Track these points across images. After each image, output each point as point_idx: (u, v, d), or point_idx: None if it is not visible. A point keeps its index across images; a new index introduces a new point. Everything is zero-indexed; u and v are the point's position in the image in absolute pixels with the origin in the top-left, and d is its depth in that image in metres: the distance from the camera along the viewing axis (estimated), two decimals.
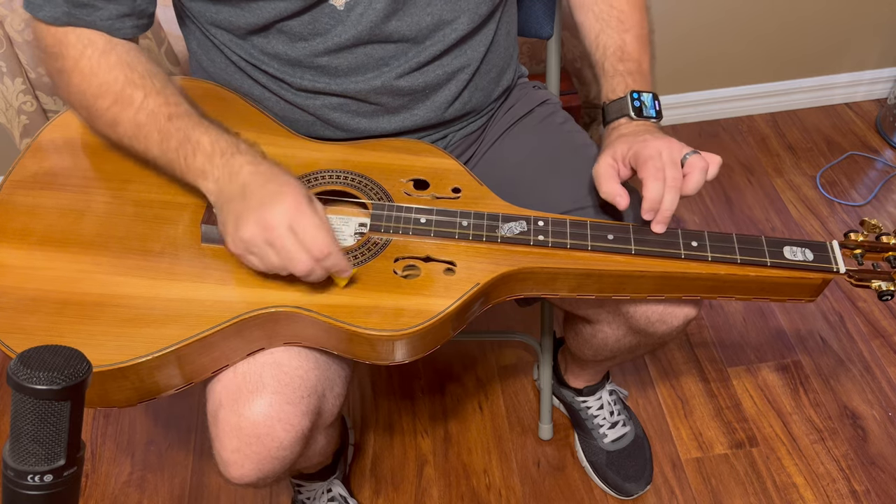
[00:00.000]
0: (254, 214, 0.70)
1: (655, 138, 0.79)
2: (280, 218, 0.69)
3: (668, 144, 0.77)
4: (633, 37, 0.89)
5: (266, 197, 0.70)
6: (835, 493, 1.22)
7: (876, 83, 1.87)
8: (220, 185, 0.74)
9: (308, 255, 0.70)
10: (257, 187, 0.71)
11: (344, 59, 0.84)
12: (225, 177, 0.74)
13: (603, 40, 0.89)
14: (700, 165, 0.76)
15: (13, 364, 0.44)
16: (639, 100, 0.84)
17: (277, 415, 0.76)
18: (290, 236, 0.69)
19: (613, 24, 0.89)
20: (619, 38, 0.88)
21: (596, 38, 0.90)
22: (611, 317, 0.95)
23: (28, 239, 0.77)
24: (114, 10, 0.78)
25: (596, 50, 0.90)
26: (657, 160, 0.76)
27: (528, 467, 1.28)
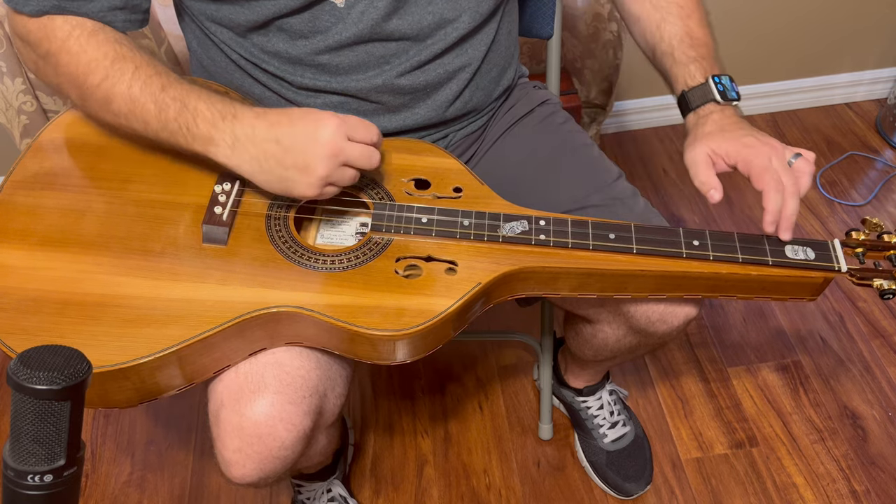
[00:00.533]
0: (312, 152, 0.72)
1: (761, 142, 0.77)
2: (337, 138, 0.73)
3: (776, 150, 0.77)
4: (697, 21, 0.87)
5: (308, 133, 0.73)
6: (835, 493, 1.22)
7: (876, 83, 1.88)
8: (240, 149, 0.74)
9: (373, 147, 0.76)
10: (292, 133, 0.73)
11: (345, 58, 0.83)
12: (242, 140, 0.74)
13: (667, 29, 0.87)
14: (809, 170, 0.77)
15: (13, 364, 0.44)
16: (721, 83, 0.82)
17: (279, 414, 0.76)
18: (353, 145, 0.74)
19: (675, 11, 0.88)
20: (684, 24, 0.87)
21: (658, 28, 0.88)
22: (611, 316, 0.95)
23: (29, 239, 0.77)
24: (106, 2, 0.78)
25: (661, 41, 0.88)
26: (773, 170, 0.75)
27: (528, 467, 1.28)
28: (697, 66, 0.84)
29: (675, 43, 0.86)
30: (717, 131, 0.80)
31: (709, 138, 0.80)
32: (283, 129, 0.73)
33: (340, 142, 0.73)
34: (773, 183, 0.75)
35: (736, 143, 0.78)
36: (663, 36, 0.87)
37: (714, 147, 0.78)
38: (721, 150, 0.78)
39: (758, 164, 0.76)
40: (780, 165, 0.76)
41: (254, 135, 0.73)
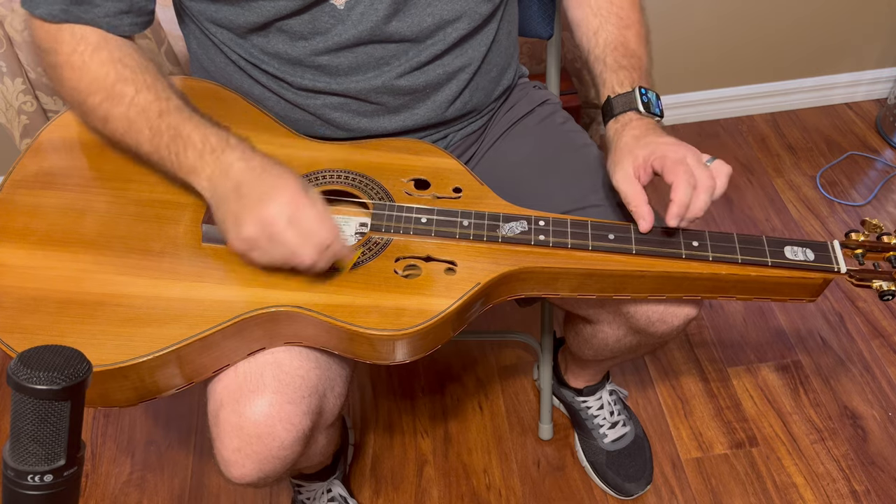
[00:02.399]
0: (253, 212, 0.70)
1: (678, 143, 0.78)
2: (279, 213, 0.69)
3: (692, 149, 0.77)
4: (634, 34, 0.88)
5: (263, 193, 0.70)
6: (835, 493, 1.22)
7: (876, 83, 1.87)
8: (214, 184, 0.74)
9: (311, 247, 0.70)
10: (252, 184, 0.71)
11: (344, 59, 0.84)
12: (217, 175, 0.73)
13: (603, 36, 0.88)
14: (725, 170, 0.76)
15: (13, 364, 0.44)
16: (646, 96, 0.83)
17: (278, 414, 0.76)
18: (291, 230, 0.69)
19: (613, 21, 0.89)
20: (621, 34, 0.88)
21: (595, 34, 0.89)
22: (611, 317, 0.95)
23: (29, 238, 0.77)
24: (112, 6, 0.78)
25: (595, 46, 0.89)
26: (685, 164, 0.75)
27: (528, 467, 1.28)
28: (626, 74, 0.85)
29: (609, 50, 0.87)
30: (632, 141, 0.80)
31: (626, 153, 0.79)
32: (250, 176, 0.72)
33: (278, 218, 0.69)
34: (684, 175, 0.74)
35: (651, 145, 0.78)
36: (598, 42, 0.88)
37: (632, 160, 0.78)
38: (639, 158, 0.78)
39: (671, 158, 0.75)
40: (694, 162, 0.75)
41: (227, 174, 0.73)
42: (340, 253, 0.72)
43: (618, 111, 0.83)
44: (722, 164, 0.77)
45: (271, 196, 0.70)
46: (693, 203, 0.74)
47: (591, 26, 0.90)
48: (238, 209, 0.71)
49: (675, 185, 0.74)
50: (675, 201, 0.74)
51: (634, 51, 0.87)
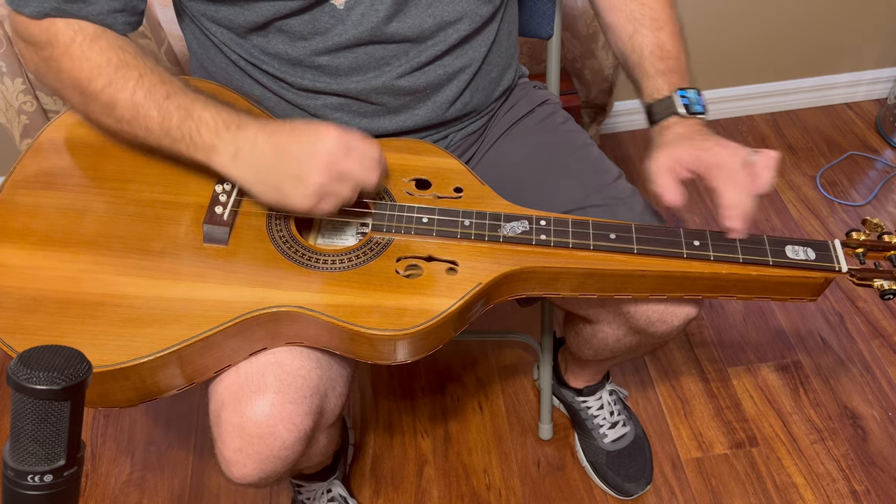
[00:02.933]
0: (311, 162, 0.72)
1: (718, 144, 0.78)
2: (335, 149, 0.72)
3: (733, 150, 0.77)
4: (669, 34, 0.88)
5: (308, 144, 0.72)
6: (835, 493, 1.22)
7: (876, 83, 1.88)
8: (240, 159, 0.74)
9: (374, 165, 0.75)
10: (292, 142, 0.72)
11: (344, 59, 0.83)
12: (245, 149, 0.73)
13: (638, 40, 0.88)
14: (768, 164, 0.76)
15: (13, 364, 0.44)
16: (686, 97, 0.83)
17: (280, 414, 0.76)
18: (353, 159, 0.73)
19: (647, 23, 0.88)
20: (655, 36, 0.87)
21: (630, 39, 0.88)
22: (611, 316, 0.95)
23: (29, 238, 0.77)
24: (105, 5, 0.78)
25: (632, 52, 0.88)
26: (726, 167, 0.75)
27: (528, 467, 1.28)
28: (664, 79, 0.85)
29: (646, 54, 0.87)
30: (675, 140, 0.81)
31: (668, 147, 0.80)
32: (283, 138, 0.73)
33: (338, 153, 0.72)
34: (727, 178, 0.75)
35: (693, 148, 0.78)
36: (634, 47, 0.88)
37: (673, 154, 0.79)
38: (679, 156, 0.78)
39: (711, 162, 0.76)
40: (735, 163, 0.76)
41: (255, 145, 0.73)
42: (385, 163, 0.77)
43: (659, 117, 0.84)
44: (765, 158, 0.76)
45: (318, 140, 0.72)
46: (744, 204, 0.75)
47: (625, 31, 0.89)
48: (293, 168, 0.72)
49: (720, 191, 0.75)
50: (728, 204, 0.75)
51: (670, 52, 0.87)
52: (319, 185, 0.72)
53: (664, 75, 0.85)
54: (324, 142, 0.72)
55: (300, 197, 0.73)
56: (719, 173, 0.75)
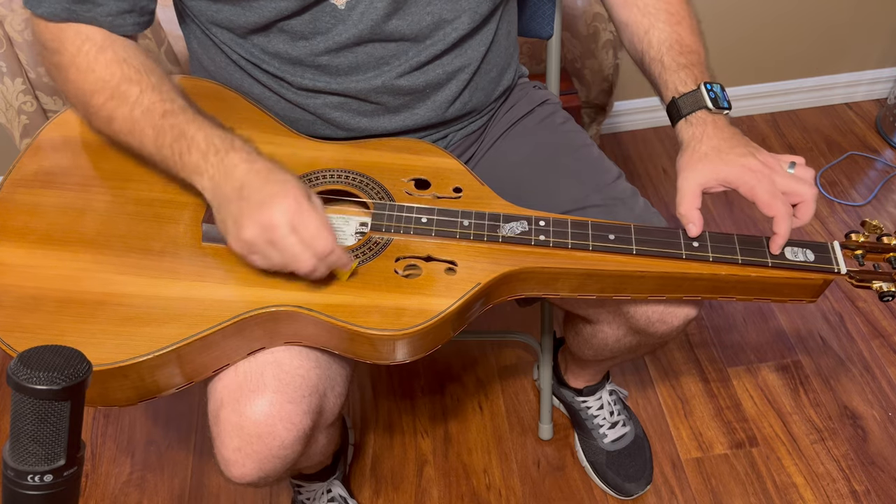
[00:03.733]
0: (254, 215, 0.70)
1: (760, 162, 0.77)
2: (281, 218, 0.69)
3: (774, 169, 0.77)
4: (687, 28, 0.86)
5: (265, 196, 0.70)
6: (835, 493, 1.22)
7: (876, 83, 1.88)
8: (216, 184, 0.73)
9: (311, 253, 0.70)
10: (255, 186, 0.71)
11: (344, 59, 0.84)
12: (220, 175, 0.73)
13: (656, 35, 0.86)
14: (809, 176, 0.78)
15: (13, 364, 0.44)
16: (712, 91, 0.81)
17: (279, 414, 0.76)
18: (292, 236, 0.69)
19: (664, 18, 0.86)
20: (673, 30, 0.85)
21: (646, 34, 0.86)
22: (611, 317, 0.95)
23: (29, 237, 0.77)
24: (114, 6, 0.78)
25: (650, 47, 0.86)
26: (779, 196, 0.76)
27: (528, 467, 1.28)
28: (688, 72, 0.83)
29: (665, 49, 0.85)
30: (713, 154, 0.78)
31: (705, 164, 0.78)
32: (253, 180, 0.71)
33: (280, 223, 0.69)
34: (783, 210, 0.75)
35: (735, 167, 0.77)
36: (652, 42, 0.86)
37: (712, 174, 0.77)
38: (720, 175, 0.77)
39: (763, 191, 0.75)
40: (783, 185, 0.76)
41: (231, 176, 0.72)
42: (340, 261, 0.72)
43: (686, 112, 0.81)
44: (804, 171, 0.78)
45: (274, 200, 0.70)
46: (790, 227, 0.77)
47: (641, 26, 0.87)
48: (239, 211, 0.71)
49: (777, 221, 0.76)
50: (781, 234, 0.77)
51: (690, 46, 0.85)
52: (250, 239, 0.70)
53: (687, 69, 0.83)
54: (276, 205, 0.69)
55: (233, 239, 0.72)
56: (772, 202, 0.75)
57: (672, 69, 0.83)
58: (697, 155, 0.79)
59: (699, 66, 0.84)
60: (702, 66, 0.84)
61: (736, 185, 0.77)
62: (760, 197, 0.76)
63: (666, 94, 0.84)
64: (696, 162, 0.78)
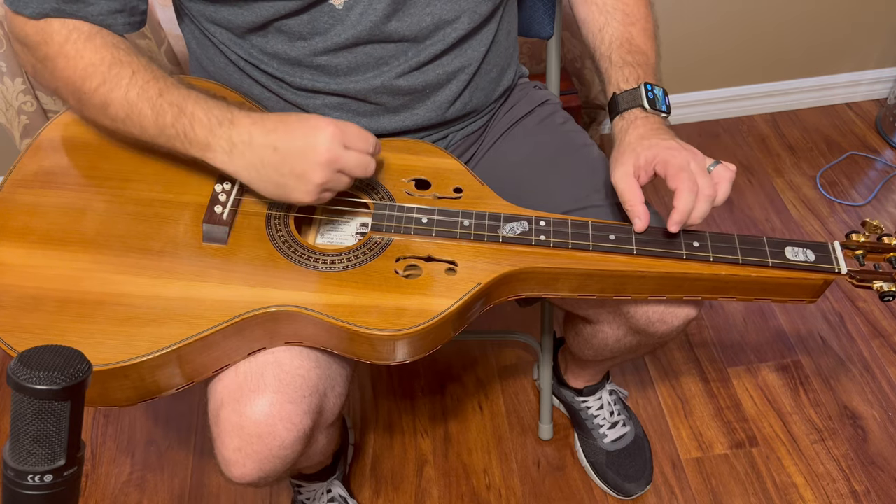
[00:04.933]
0: (309, 159, 0.72)
1: (682, 147, 0.77)
2: (333, 146, 0.72)
3: (695, 155, 0.77)
4: (640, 30, 0.88)
5: (302, 140, 0.72)
6: (835, 493, 1.22)
7: (876, 83, 1.88)
8: (237, 155, 0.74)
9: (369, 156, 0.76)
10: (288, 139, 0.72)
11: (343, 59, 0.83)
12: (239, 146, 0.73)
13: (609, 32, 0.88)
14: (727, 176, 0.77)
15: (13, 364, 0.44)
16: (652, 92, 0.83)
17: (279, 414, 0.76)
18: (351, 154, 0.74)
19: (619, 17, 0.88)
20: (626, 30, 0.87)
21: (600, 31, 0.89)
22: (611, 317, 0.95)
23: (29, 237, 0.77)
24: (105, 5, 0.78)
25: (601, 43, 0.88)
26: (688, 171, 0.75)
27: (528, 467, 1.28)
28: (631, 70, 0.84)
29: (615, 47, 0.87)
30: (636, 140, 0.80)
31: (629, 152, 0.79)
32: (280, 135, 0.73)
33: (337, 149, 0.73)
34: (687, 183, 0.74)
35: (655, 147, 0.77)
36: (604, 39, 0.88)
37: (634, 159, 0.78)
38: (641, 158, 0.78)
39: (674, 164, 0.75)
40: (697, 169, 0.75)
41: (251, 141, 0.73)
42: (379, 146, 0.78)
43: (623, 108, 0.83)
44: (724, 169, 0.77)
45: (315, 136, 0.72)
46: (694, 211, 0.75)
47: (596, 23, 0.90)
48: (293, 165, 0.72)
49: (678, 193, 0.74)
50: (677, 209, 0.74)
51: (639, 47, 0.87)
52: (321, 182, 0.73)
53: (632, 67, 0.85)
54: (322, 138, 0.72)
55: (302, 192, 0.74)
56: (679, 174, 0.75)
57: (618, 66, 0.85)
58: (622, 146, 0.81)
59: (644, 67, 0.85)
60: (648, 67, 0.86)
61: (653, 162, 0.77)
62: (669, 170, 0.75)
63: (609, 89, 0.86)
64: (622, 154, 0.80)
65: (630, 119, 0.82)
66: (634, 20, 0.88)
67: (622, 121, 0.83)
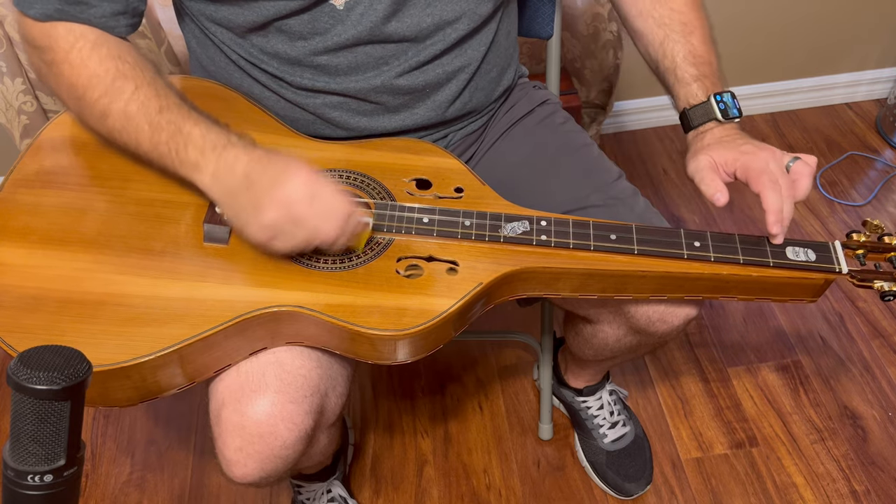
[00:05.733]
0: (271, 197, 0.70)
1: (759, 148, 0.78)
2: (298, 191, 0.70)
3: (774, 154, 0.77)
4: (700, 38, 0.87)
5: (275, 178, 0.71)
6: (835, 493, 1.22)
7: (876, 83, 1.88)
8: (219, 179, 0.73)
9: (334, 220, 0.71)
10: (261, 173, 0.72)
11: (343, 59, 0.83)
12: (223, 170, 0.73)
13: (670, 47, 0.87)
14: (807, 171, 0.77)
15: (13, 364, 0.44)
16: (722, 101, 0.83)
17: (280, 414, 0.76)
18: (313, 206, 0.70)
19: (678, 29, 0.87)
20: (687, 41, 0.87)
21: (661, 46, 0.88)
22: (611, 316, 0.95)
23: (29, 237, 0.77)
24: (108, 7, 0.78)
25: (664, 58, 0.87)
26: (769, 172, 0.75)
27: (528, 467, 1.28)
28: (699, 84, 0.84)
29: (679, 61, 0.86)
30: (715, 143, 0.81)
31: (708, 149, 0.81)
32: (257, 166, 0.72)
33: (299, 197, 0.70)
34: (770, 184, 0.75)
35: (734, 150, 0.79)
36: (666, 53, 0.87)
37: (713, 156, 0.79)
38: (720, 158, 0.79)
39: (755, 167, 0.76)
40: (777, 168, 0.76)
41: (233, 168, 0.73)
42: (358, 226, 0.73)
43: (697, 123, 0.84)
44: (803, 165, 0.78)
45: (286, 178, 0.71)
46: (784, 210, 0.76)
47: (656, 37, 0.88)
48: (254, 198, 0.71)
49: (764, 196, 0.75)
50: (770, 210, 0.75)
51: (703, 56, 0.86)
52: (272, 221, 0.71)
53: (698, 80, 0.84)
54: (290, 182, 0.70)
55: (254, 227, 0.72)
56: (761, 177, 0.76)
57: (684, 81, 0.85)
58: (698, 146, 0.82)
59: (711, 77, 0.85)
60: (713, 76, 0.85)
61: (732, 166, 0.78)
62: (751, 174, 0.76)
63: (678, 105, 0.86)
64: (700, 151, 0.81)
65: (704, 130, 0.83)
66: (693, 29, 0.87)
67: (696, 133, 0.84)
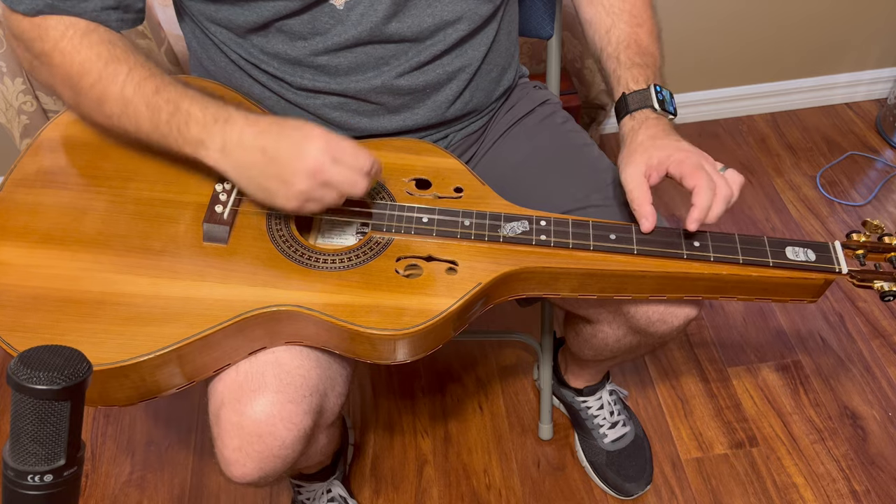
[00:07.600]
0: (294, 169, 0.71)
1: (694, 149, 0.78)
2: (322, 156, 0.71)
3: (706, 157, 0.78)
4: (647, 31, 0.88)
5: (294, 149, 0.72)
6: (835, 493, 1.22)
7: (876, 83, 1.88)
8: (228, 154, 0.73)
9: (360, 175, 0.74)
10: (279, 143, 0.72)
11: (343, 59, 0.83)
12: (231, 144, 0.73)
13: (616, 34, 0.88)
14: (738, 180, 0.77)
15: (13, 364, 0.44)
16: (661, 94, 0.83)
17: (279, 413, 0.76)
18: (339, 167, 0.72)
19: (626, 19, 0.88)
20: (633, 31, 0.87)
21: (607, 33, 0.89)
22: (611, 316, 0.95)
23: (29, 237, 0.77)
24: (99, 2, 0.77)
25: (608, 44, 0.88)
26: (704, 170, 0.75)
27: (528, 467, 1.28)
28: (640, 71, 0.85)
29: (622, 48, 0.87)
30: (648, 140, 0.80)
31: (641, 151, 0.79)
32: (271, 138, 0.72)
33: (324, 161, 0.71)
34: (705, 181, 0.75)
35: (668, 148, 0.78)
36: (611, 40, 0.88)
37: (646, 159, 0.78)
38: (654, 159, 0.78)
39: (689, 164, 0.76)
40: (712, 169, 0.76)
41: (242, 141, 0.73)
42: (378, 167, 0.76)
43: (633, 108, 0.83)
44: (735, 174, 0.78)
45: (305, 145, 0.72)
46: (711, 210, 0.75)
47: (603, 24, 0.89)
48: (279, 171, 0.72)
49: (697, 191, 0.75)
50: (697, 206, 0.74)
51: (647, 48, 0.87)
52: (304, 190, 0.72)
53: (640, 67, 0.85)
54: (311, 148, 0.71)
55: (284, 198, 0.73)
56: (697, 172, 0.75)
57: (626, 66, 0.86)
58: (633, 146, 0.81)
59: (652, 69, 0.86)
60: (655, 69, 0.86)
61: (666, 164, 0.77)
62: (685, 169, 0.76)
63: (617, 89, 0.86)
64: (632, 154, 0.80)
65: (640, 119, 0.82)
66: (641, 21, 0.88)
67: (632, 121, 0.83)
